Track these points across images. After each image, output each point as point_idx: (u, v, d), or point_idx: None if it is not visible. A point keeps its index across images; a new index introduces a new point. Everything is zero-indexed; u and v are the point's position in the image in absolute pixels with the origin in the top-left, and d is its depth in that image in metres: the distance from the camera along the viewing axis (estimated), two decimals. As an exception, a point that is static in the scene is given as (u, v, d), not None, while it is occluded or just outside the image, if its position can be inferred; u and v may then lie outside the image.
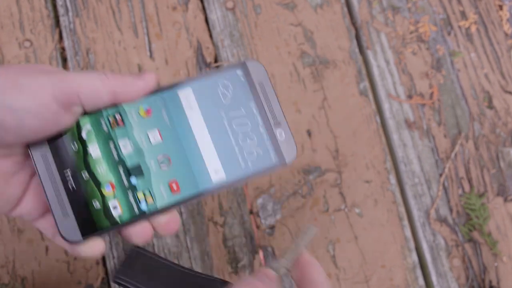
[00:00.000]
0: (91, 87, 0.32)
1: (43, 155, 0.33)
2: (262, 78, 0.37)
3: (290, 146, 0.36)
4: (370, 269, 0.57)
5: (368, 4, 0.63)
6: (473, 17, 0.63)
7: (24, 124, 0.30)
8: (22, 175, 0.35)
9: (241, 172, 0.36)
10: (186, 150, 0.35)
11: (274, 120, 0.37)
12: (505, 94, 0.62)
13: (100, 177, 0.34)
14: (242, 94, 0.37)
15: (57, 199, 0.33)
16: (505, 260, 0.58)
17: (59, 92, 0.31)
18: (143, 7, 0.61)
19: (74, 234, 0.33)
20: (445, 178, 0.59)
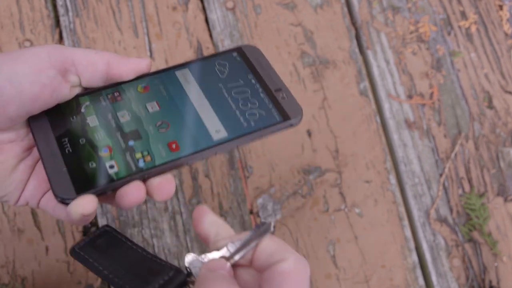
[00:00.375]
0: (86, 57, 0.33)
1: (41, 125, 0.34)
2: (258, 56, 0.39)
3: (293, 106, 0.37)
4: (370, 269, 0.57)
5: (368, 4, 0.63)
6: (473, 17, 0.63)
7: (23, 91, 0.31)
8: (29, 160, 0.35)
9: (243, 130, 0.36)
10: (185, 116, 0.36)
11: (274, 86, 0.38)
12: (505, 94, 0.62)
13: (98, 142, 0.35)
14: (239, 69, 0.38)
15: (52, 159, 0.34)
16: (505, 260, 0.58)
17: (54, 58, 0.32)
18: (143, 7, 0.61)
19: (68, 190, 0.33)
20: (445, 178, 0.59)
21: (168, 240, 0.56)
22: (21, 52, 0.32)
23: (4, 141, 0.34)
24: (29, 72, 0.31)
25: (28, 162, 0.35)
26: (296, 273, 0.28)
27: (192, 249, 0.56)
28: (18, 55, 0.31)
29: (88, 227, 0.55)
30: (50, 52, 0.32)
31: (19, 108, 0.32)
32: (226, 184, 0.57)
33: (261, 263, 0.30)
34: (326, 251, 0.57)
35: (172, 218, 0.56)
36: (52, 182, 0.33)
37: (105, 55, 0.34)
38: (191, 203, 0.56)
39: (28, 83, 0.31)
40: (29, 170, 0.35)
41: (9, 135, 0.34)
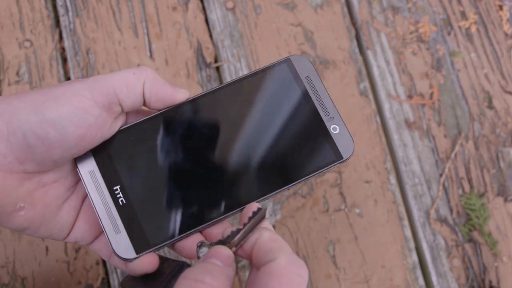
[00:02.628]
0: (125, 81, 0.31)
1: (91, 172, 0.32)
2: (309, 72, 0.34)
3: (346, 141, 0.34)
4: (370, 269, 0.57)
5: (368, 4, 0.63)
6: (473, 17, 0.63)
7: (67, 134, 0.29)
8: (73, 200, 0.34)
9: (299, 175, 0.33)
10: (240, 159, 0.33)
11: (326, 114, 0.34)
12: (505, 94, 0.62)
13: (153, 190, 0.32)
14: (290, 91, 0.34)
15: (108, 217, 0.32)
16: (505, 260, 0.58)
17: (97, 93, 0.30)
18: (143, 7, 0.61)
19: (128, 251, 0.32)
20: (445, 178, 0.59)
21: (168, 240, 0.56)
22: (60, 90, 0.30)
23: (48, 182, 0.32)
24: (73, 114, 0.29)
25: (73, 203, 0.34)
26: (285, 274, 0.26)
27: (192, 249, 0.56)
28: (58, 95, 0.29)
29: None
30: (91, 87, 0.30)
31: (64, 151, 0.30)
32: (226, 184, 0.57)
33: (257, 260, 0.29)
34: (326, 251, 0.57)
35: (172, 218, 0.56)
36: (111, 241, 0.32)
37: (142, 75, 0.32)
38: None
39: (73, 126, 0.29)
40: (75, 211, 0.34)
41: (53, 175, 0.32)
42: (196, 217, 0.33)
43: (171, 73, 0.60)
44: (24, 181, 0.31)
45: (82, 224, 0.34)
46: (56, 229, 0.33)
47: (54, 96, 0.29)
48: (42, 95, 0.30)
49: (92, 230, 0.35)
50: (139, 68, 0.32)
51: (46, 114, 0.29)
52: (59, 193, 0.33)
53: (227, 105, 0.34)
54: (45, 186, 0.32)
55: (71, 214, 0.34)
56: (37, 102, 0.29)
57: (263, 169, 0.33)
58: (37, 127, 0.29)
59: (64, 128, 0.29)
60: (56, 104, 0.29)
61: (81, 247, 0.55)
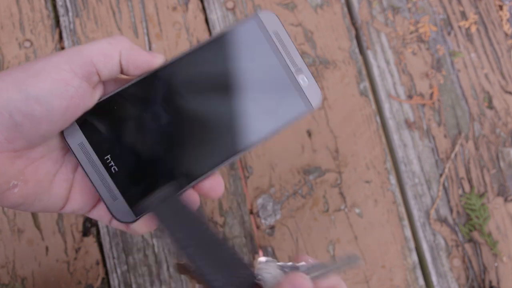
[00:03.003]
0: (102, 51, 0.32)
1: (80, 145, 0.33)
2: (277, 27, 0.36)
3: (314, 91, 0.36)
4: (370, 269, 0.57)
5: (368, 4, 0.63)
6: (473, 17, 0.63)
7: (53, 107, 0.30)
8: (64, 172, 0.35)
9: (273, 126, 0.36)
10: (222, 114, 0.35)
11: (295, 67, 0.36)
12: (505, 94, 0.62)
13: (142, 155, 0.34)
14: (259, 46, 0.36)
15: (104, 186, 0.34)
16: (505, 260, 0.58)
17: (75, 65, 0.31)
18: (143, 7, 0.61)
19: (128, 215, 0.34)
20: (445, 178, 0.59)
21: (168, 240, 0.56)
22: (39, 65, 0.30)
23: (37, 158, 0.33)
24: (55, 87, 0.30)
25: (63, 176, 0.34)
26: None
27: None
28: (38, 70, 0.30)
29: (88, 227, 0.55)
30: (69, 59, 0.31)
31: (51, 125, 0.31)
32: (226, 184, 0.57)
33: None
34: (326, 251, 0.57)
35: (172, 218, 0.56)
36: (111, 209, 0.34)
37: (117, 44, 0.33)
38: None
39: (57, 99, 0.30)
40: (68, 183, 0.34)
41: (40, 150, 0.33)
42: (188, 174, 0.34)
43: (171, 73, 0.60)
44: (15, 160, 0.31)
45: (77, 195, 0.35)
46: (51, 202, 0.34)
47: (34, 71, 0.30)
48: (23, 72, 0.30)
49: (88, 199, 0.35)
50: (114, 37, 0.33)
51: (30, 91, 0.30)
52: (49, 168, 0.34)
53: (202, 66, 0.35)
54: (35, 162, 0.33)
55: (63, 186, 0.34)
56: (19, 80, 0.30)
57: (242, 122, 0.35)
58: (22, 104, 0.29)
59: (48, 102, 0.30)
60: (38, 79, 0.30)
61: (81, 247, 0.55)
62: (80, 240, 0.55)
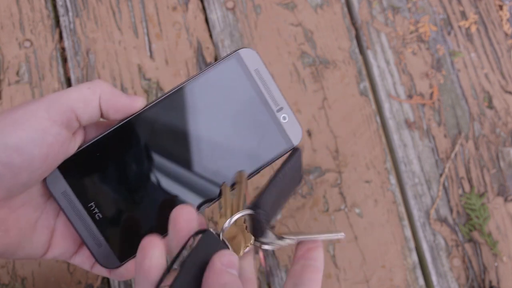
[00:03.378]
0: (81, 97, 0.32)
1: (64, 193, 0.33)
2: (257, 64, 0.36)
3: (295, 127, 0.36)
4: (370, 269, 0.57)
5: (368, 4, 0.63)
6: (473, 17, 0.63)
7: (32, 157, 0.30)
8: (45, 219, 0.34)
9: (254, 166, 0.36)
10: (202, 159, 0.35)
11: (276, 105, 0.36)
12: (505, 94, 0.62)
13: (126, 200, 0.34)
14: (240, 85, 0.36)
15: (88, 233, 0.34)
16: (505, 260, 0.58)
17: (54, 112, 0.30)
18: (143, 7, 0.61)
19: (112, 261, 0.34)
20: (445, 178, 0.59)
21: (168, 240, 0.56)
22: (18, 114, 0.30)
23: (18, 206, 0.32)
24: (34, 136, 0.29)
25: (45, 222, 0.34)
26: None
27: (192, 249, 0.56)
28: (16, 119, 0.30)
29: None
30: (48, 107, 0.30)
31: (31, 173, 0.31)
32: (226, 184, 0.57)
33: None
34: (326, 251, 0.57)
35: (172, 218, 0.56)
36: (96, 256, 0.34)
37: (96, 89, 0.32)
38: (191, 203, 0.56)
39: (36, 148, 0.30)
40: (49, 230, 0.34)
41: (21, 198, 0.33)
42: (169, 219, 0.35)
43: (171, 73, 0.60)
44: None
45: (59, 241, 0.35)
46: (33, 249, 0.34)
47: (12, 120, 0.29)
48: (1, 121, 0.30)
49: (70, 245, 0.35)
50: (93, 82, 0.33)
51: (7, 140, 0.29)
52: (30, 215, 0.33)
53: (183, 107, 0.35)
54: (16, 211, 0.32)
55: (45, 233, 0.34)
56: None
57: (224, 164, 0.35)
58: (1, 154, 0.29)
59: (27, 151, 0.30)
60: (15, 128, 0.29)
61: (81, 247, 0.55)
62: (80, 240, 0.55)
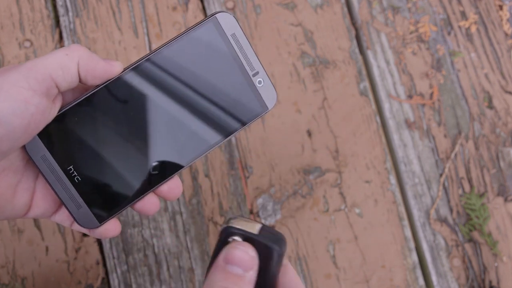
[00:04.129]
0: (59, 64, 0.31)
1: (43, 157, 0.34)
2: (234, 29, 0.36)
3: (270, 92, 0.37)
4: (370, 269, 0.57)
5: (368, 4, 0.63)
6: (473, 17, 0.63)
7: (13, 127, 0.30)
8: (25, 182, 0.35)
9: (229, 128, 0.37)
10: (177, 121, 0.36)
11: (252, 69, 0.37)
12: (505, 94, 0.62)
13: (103, 163, 0.35)
14: (217, 50, 0.36)
15: (68, 195, 0.34)
16: (505, 260, 0.58)
17: (34, 81, 0.30)
18: (143, 7, 0.61)
19: (92, 221, 0.35)
20: (445, 178, 0.59)
21: (168, 240, 0.56)
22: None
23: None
24: (16, 107, 0.29)
25: (25, 185, 0.34)
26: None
27: (192, 249, 0.56)
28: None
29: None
30: (27, 76, 0.30)
31: (12, 142, 0.31)
32: (226, 184, 0.57)
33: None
34: (326, 251, 0.57)
35: (172, 218, 0.56)
36: (75, 217, 0.35)
37: (74, 55, 0.32)
38: (191, 203, 0.56)
39: (18, 119, 0.30)
40: (29, 192, 0.35)
41: (1, 163, 0.33)
42: (147, 180, 0.36)
43: (171, 73, 0.60)
44: None
45: (39, 201, 0.35)
46: (14, 211, 0.34)
47: None
48: None
49: (50, 205, 0.36)
50: (70, 47, 0.33)
51: None
52: (10, 180, 0.34)
53: (160, 72, 0.36)
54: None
55: (25, 195, 0.35)
56: None
57: (198, 126, 0.36)
58: None
59: (9, 122, 0.30)
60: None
61: (81, 247, 0.55)
62: (80, 240, 0.55)
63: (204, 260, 0.55)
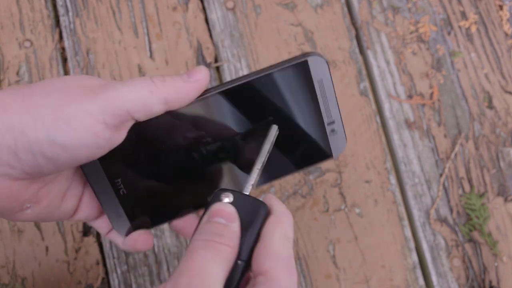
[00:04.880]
0: (141, 102, 0.29)
1: (93, 167, 0.34)
2: (323, 75, 0.35)
3: (340, 142, 0.37)
4: (370, 269, 0.57)
5: (368, 4, 0.63)
6: (473, 17, 0.63)
7: (79, 155, 0.29)
8: (75, 188, 0.35)
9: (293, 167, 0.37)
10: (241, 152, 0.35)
11: (329, 117, 0.36)
12: (505, 94, 0.62)
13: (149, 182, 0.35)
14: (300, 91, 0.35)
15: (110, 205, 0.35)
16: (505, 260, 0.58)
17: (110, 117, 0.29)
18: (143, 7, 0.61)
19: (126, 229, 0.36)
20: (445, 178, 0.59)
21: (168, 240, 0.56)
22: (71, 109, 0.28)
23: (49, 179, 0.32)
24: (84, 137, 0.28)
25: (74, 191, 0.34)
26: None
27: (192, 249, 0.56)
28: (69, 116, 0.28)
29: (88, 227, 0.55)
30: (103, 109, 0.28)
31: (73, 165, 0.30)
32: (226, 184, 0.57)
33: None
34: (326, 251, 0.57)
35: (172, 218, 0.56)
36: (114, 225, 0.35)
37: (160, 91, 0.30)
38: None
39: (85, 150, 0.29)
40: (77, 198, 0.35)
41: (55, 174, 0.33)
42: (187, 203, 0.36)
43: (171, 73, 0.60)
44: (30, 185, 0.31)
45: (86, 207, 0.35)
46: (61, 214, 0.34)
47: (64, 116, 0.28)
48: (52, 111, 0.28)
49: (94, 211, 0.36)
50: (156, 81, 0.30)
51: (57, 138, 0.28)
52: (61, 186, 0.33)
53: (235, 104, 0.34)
54: (48, 184, 0.32)
55: (73, 200, 0.35)
56: (47, 121, 0.28)
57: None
58: (48, 150, 0.28)
59: (74, 151, 0.29)
60: (68, 127, 0.28)
61: (81, 247, 0.55)
62: (80, 240, 0.55)
63: (204, 260, 0.55)
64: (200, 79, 0.32)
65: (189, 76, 0.32)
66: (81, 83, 0.30)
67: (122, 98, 0.29)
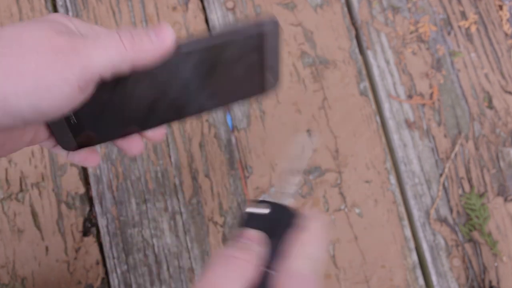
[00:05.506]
0: (112, 65, 0.31)
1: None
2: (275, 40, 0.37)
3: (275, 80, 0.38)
4: (370, 269, 0.57)
5: (368, 4, 0.63)
6: (473, 17, 0.63)
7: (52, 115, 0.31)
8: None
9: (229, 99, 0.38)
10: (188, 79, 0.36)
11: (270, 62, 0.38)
12: (505, 94, 0.62)
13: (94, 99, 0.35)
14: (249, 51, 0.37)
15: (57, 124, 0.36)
16: (505, 260, 0.58)
17: (84, 83, 0.30)
18: (143, 7, 0.61)
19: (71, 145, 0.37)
20: (445, 178, 0.59)
21: (168, 240, 0.56)
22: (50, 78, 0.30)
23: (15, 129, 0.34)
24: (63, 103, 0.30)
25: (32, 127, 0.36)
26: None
27: (192, 249, 0.56)
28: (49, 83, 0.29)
29: (88, 227, 0.55)
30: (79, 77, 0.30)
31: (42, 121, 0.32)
32: (226, 184, 0.57)
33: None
34: (326, 251, 0.57)
35: (172, 218, 0.56)
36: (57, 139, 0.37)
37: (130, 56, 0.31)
38: (191, 203, 0.56)
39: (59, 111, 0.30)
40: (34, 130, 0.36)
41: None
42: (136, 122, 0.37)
43: (171, 73, 0.60)
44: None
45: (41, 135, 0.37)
46: (19, 145, 0.35)
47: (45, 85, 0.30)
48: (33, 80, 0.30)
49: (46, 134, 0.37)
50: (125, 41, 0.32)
51: (39, 106, 0.30)
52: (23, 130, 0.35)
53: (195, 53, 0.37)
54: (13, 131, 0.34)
55: (31, 133, 0.36)
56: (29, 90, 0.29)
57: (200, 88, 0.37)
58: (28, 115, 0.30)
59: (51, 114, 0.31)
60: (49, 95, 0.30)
61: (81, 247, 0.55)
62: (80, 240, 0.55)
63: (204, 260, 0.55)
64: (166, 41, 0.33)
65: (156, 34, 0.33)
66: (51, 42, 0.31)
67: (95, 64, 0.30)
